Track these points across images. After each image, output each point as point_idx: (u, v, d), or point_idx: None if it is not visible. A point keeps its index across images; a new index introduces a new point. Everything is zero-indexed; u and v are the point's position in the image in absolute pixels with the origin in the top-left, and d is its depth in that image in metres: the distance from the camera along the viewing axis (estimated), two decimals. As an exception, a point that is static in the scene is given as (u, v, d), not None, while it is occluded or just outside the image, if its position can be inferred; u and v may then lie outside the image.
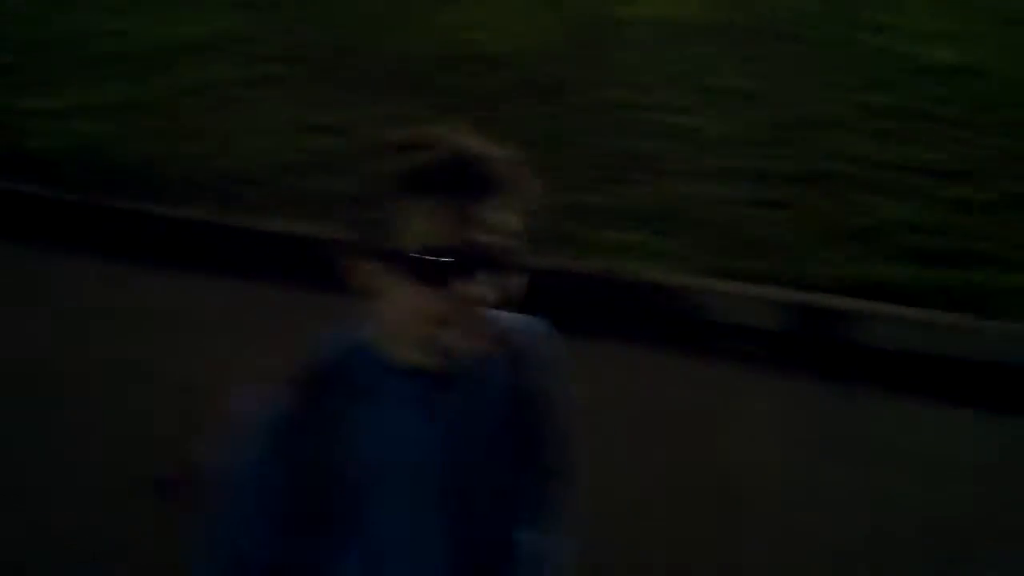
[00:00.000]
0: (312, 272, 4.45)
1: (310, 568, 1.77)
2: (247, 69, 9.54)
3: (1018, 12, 11.43)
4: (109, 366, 5.29)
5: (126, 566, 3.97)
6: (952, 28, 10.70)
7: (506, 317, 1.81)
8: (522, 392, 1.96)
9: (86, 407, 4.97)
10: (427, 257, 1.65)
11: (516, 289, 1.73)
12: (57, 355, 5.44)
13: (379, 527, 1.79)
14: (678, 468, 4.59)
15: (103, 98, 8.77)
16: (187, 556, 1.79)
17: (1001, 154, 7.56)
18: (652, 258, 6.03)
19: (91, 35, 10.71)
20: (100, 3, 11.97)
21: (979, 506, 4.37)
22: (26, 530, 4.16)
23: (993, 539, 4.15)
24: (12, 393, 5.11)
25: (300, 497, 1.75)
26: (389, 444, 1.81)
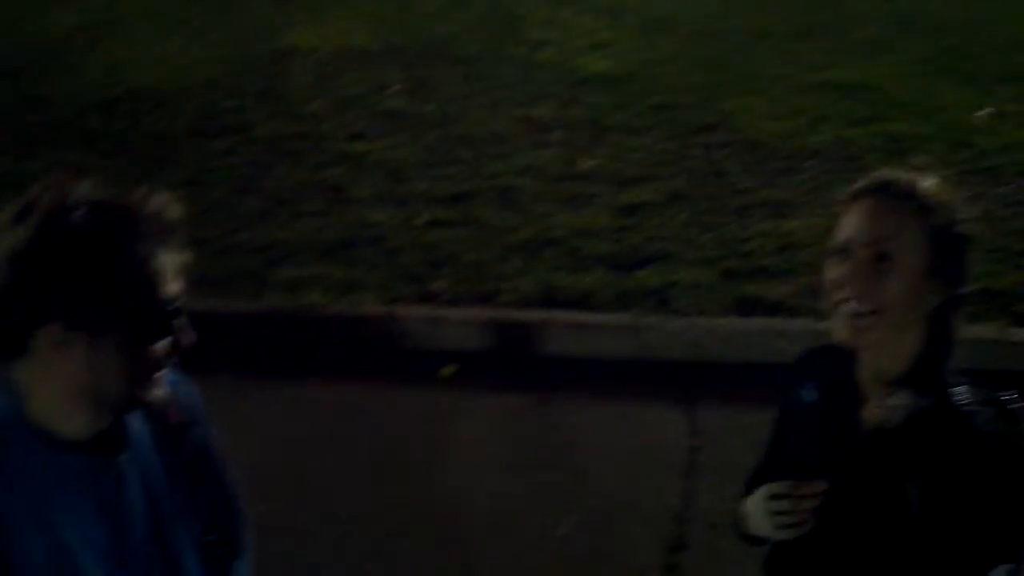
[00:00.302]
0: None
1: None
2: None
3: (660, 20, 11.99)
4: None
5: None
6: (606, 38, 11.12)
7: (165, 371, 1.71)
8: (184, 448, 1.87)
9: None
10: (103, 315, 1.56)
11: (186, 340, 1.67)
12: None
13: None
14: (391, 501, 4.49)
15: None
16: None
17: (666, 156, 7.88)
18: (341, 290, 5.90)
19: None
20: None
21: (689, 497, 4.50)
22: None
23: (704, 528, 4.27)
24: None
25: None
26: (67, 530, 1.63)
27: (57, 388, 1.60)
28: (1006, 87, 9.72)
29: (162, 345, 1.62)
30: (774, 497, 2.06)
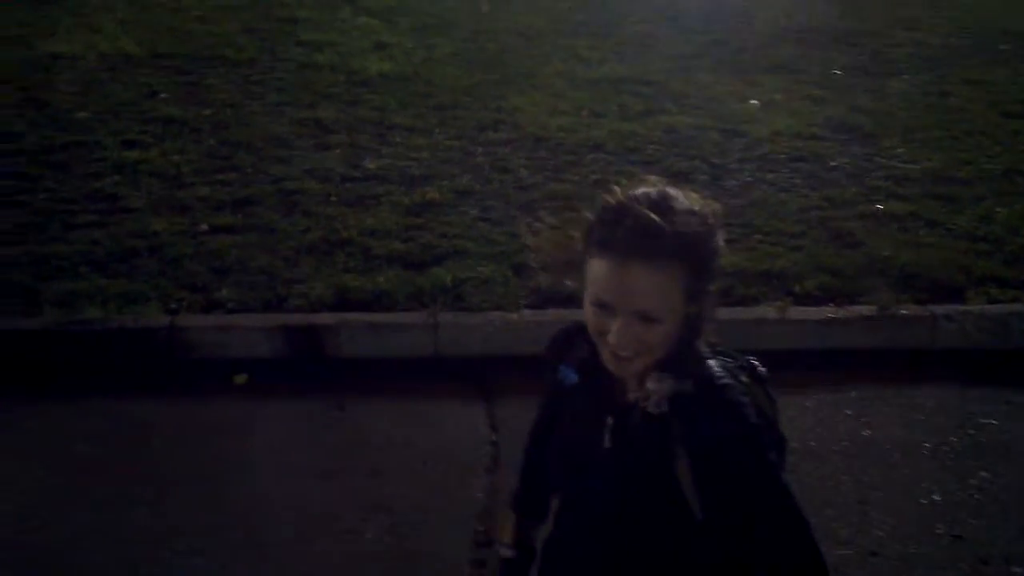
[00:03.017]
0: None
1: None
2: None
3: (436, 22, 12.03)
4: None
5: None
6: (386, 40, 11.06)
7: None
8: None
9: None
10: None
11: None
12: None
13: None
14: (189, 517, 4.31)
15: None
16: None
17: (451, 154, 7.87)
18: (121, 302, 5.63)
19: None
20: None
21: (493, 492, 4.49)
22: None
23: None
24: None
25: None
26: None
27: None
28: (771, 77, 10.13)
29: None
30: None
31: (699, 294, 1.94)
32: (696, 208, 1.93)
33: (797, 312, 5.80)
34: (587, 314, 1.96)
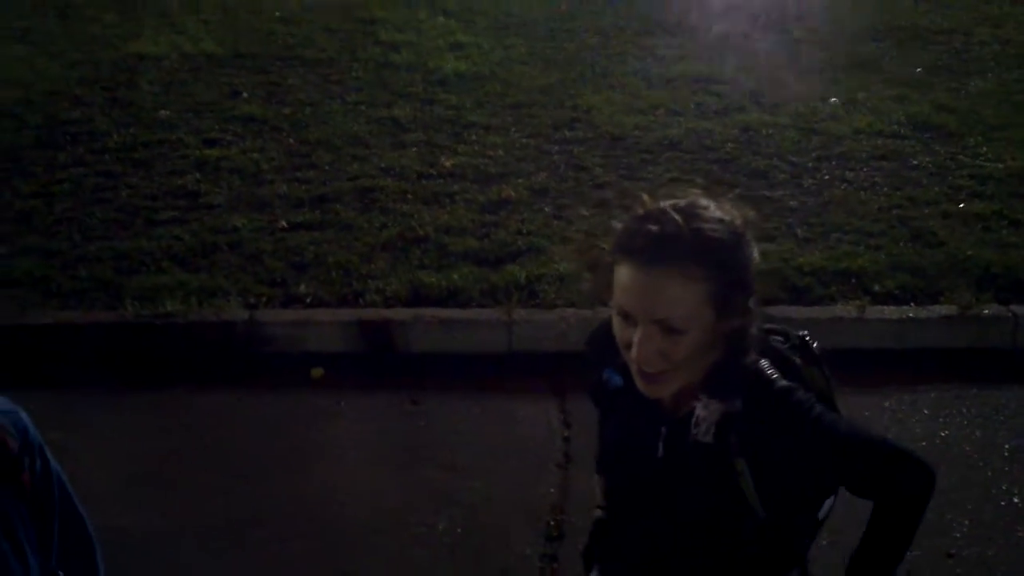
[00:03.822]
0: None
1: None
2: None
3: (513, 21, 12.07)
4: None
5: None
6: (462, 40, 11.12)
7: None
8: (22, 478, 1.76)
9: None
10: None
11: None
12: None
13: None
14: (266, 506, 4.37)
15: None
16: None
17: (526, 153, 7.88)
18: (201, 296, 5.73)
19: None
20: None
21: (565, 487, 4.50)
22: None
23: (581, 517, 4.25)
24: None
25: None
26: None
27: None
28: (852, 76, 10.01)
29: None
30: None
31: (733, 308, 1.89)
32: (725, 217, 1.89)
33: (875, 311, 5.73)
34: (614, 326, 1.93)
